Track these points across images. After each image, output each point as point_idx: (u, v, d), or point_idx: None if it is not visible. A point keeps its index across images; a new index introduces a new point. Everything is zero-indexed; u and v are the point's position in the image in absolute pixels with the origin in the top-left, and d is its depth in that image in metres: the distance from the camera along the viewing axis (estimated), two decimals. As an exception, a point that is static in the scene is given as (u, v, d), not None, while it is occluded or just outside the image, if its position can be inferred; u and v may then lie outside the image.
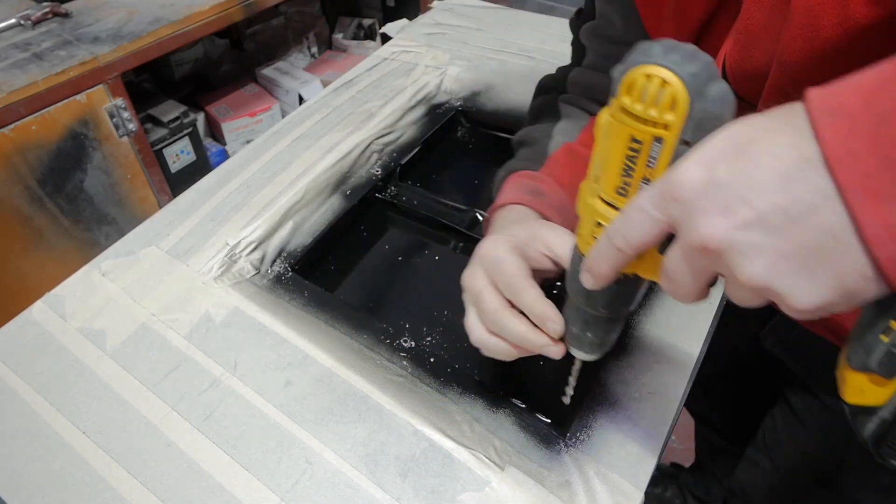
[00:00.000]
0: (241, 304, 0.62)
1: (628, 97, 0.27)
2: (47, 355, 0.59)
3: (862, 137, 0.22)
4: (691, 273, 0.28)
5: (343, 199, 0.76)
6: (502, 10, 1.15)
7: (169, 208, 0.74)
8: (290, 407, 0.53)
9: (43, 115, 1.12)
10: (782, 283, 0.24)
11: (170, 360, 0.57)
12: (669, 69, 0.26)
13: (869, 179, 0.22)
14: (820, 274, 0.24)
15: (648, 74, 0.27)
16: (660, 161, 0.28)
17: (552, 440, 0.50)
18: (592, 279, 0.34)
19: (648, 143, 0.28)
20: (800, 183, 0.23)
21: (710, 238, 0.25)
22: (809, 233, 0.23)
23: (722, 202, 0.25)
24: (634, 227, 0.29)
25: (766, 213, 0.24)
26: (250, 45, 1.92)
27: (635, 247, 0.30)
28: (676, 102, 0.26)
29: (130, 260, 0.68)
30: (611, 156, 0.30)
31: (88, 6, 1.35)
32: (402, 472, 0.48)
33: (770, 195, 0.24)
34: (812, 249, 0.23)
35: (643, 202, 0.28)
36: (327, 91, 0.93)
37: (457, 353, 0.60)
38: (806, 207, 0.23)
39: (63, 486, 0.49)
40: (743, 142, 0.25)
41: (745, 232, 0.25)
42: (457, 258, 0.72)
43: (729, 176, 0.25)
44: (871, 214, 0.22)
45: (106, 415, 0.54)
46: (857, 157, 0.22)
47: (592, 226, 0.33)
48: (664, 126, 0.27)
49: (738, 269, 0.25)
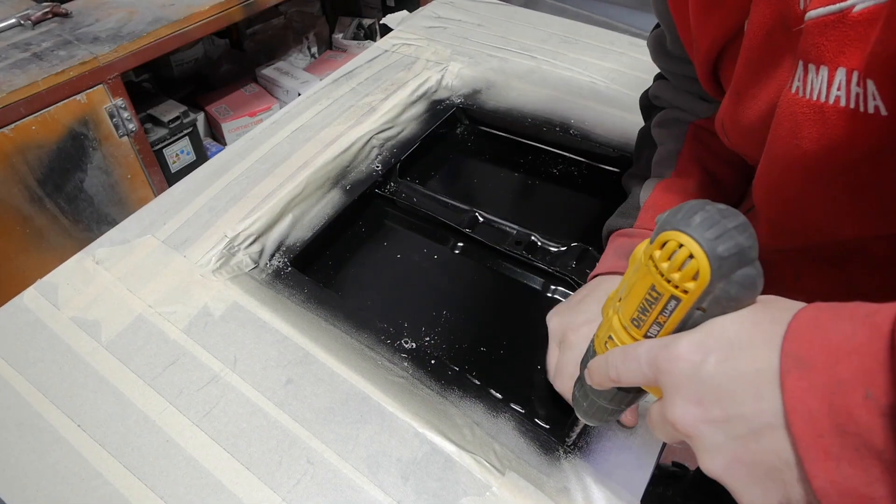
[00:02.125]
0: (240, 298, 0.61)
1: (659, 251, 0.29)
2: (40, 345, 0.58)
3: (818, 398, 0.23)
4: (664, 433, 0.32)
5: (343, 193, 0.75)
6: (502, 6, 1.15)
7: (165, 197, 0.73)
8: (291, 405, 0.53)
9: (43, 115, 1.11)
10: (736, 483, 0.27)
11: (167, 354, 0.57)
12: (700, 245, 0.27)
13: (821, 440, 0.23)
14: (771, 488, 0.26)
15: (681, 244, 0.28)
16: (673, 316, 0.30)
17: (551, 446, 0.51)
18: (592, 382, 0.38)
19: (666, 297, 0.29)
20: (768, 402, 0.25)
21: (681, 422, 0.28)
22: (767, 452, 0.25)
23: (699, 393, 0.28)
24: (628, 371, 0.33)
25: (733, 419, 0.26)
26: (250, 45, 1.91)
27: (625, 384, 0.33)
28: (699, 275, 0.28)
29: (125, 248, 0.67)
30: (634, 290, 0.32)
31: (88, 6, 1.34)
32: (404, 474, 0.49)
33: (740, 405, 0.26)
34: (767, 466, 0.25)
35: (641, 355, 0.31)
36: (327, 82, 0.92)
37: (456, 355, 0.61)
38: (767, 427, 0.25)
39: (58, 480, 0.49)
40: (738, 344, 0.27)
41: (711, 428, 0.27)
42: (455, 258, 0.72)
43: (714, 371, 0.27)
44: (821, 470, 0.23)
45: (102, 408, 0.53)
46: (812, 417, 0.23)
47: (607, 335, 0.36)
48: (683, 290, 0.29)
49: (699, 457, 0.28)
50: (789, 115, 0.35)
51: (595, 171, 0.82)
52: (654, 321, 0.31)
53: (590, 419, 0.43)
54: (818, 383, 0.23)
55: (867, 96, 0.29)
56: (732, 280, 0.28)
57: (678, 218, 0.28)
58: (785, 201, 0.41)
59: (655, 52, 0.60)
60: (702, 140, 0.58)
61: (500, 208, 0.75)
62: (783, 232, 0.44)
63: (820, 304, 0.26)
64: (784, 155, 0.37)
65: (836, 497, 0.23)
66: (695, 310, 0.29)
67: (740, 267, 0.28)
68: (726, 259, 0.27)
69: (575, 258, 0.67)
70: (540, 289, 0.68)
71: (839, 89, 0.31)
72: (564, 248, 0.69)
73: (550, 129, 0.84)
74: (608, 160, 0.81)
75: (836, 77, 0.31)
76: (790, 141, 0.35)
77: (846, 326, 0.24)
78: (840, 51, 0.30)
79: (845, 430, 0.22)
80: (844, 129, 0.31)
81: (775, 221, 0.44)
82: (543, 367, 0.55)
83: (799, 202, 0.39)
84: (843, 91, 0.31)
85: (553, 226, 0.76)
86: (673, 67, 0.59)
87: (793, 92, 0.34)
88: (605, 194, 0.79)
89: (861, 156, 0.32)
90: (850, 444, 0.22)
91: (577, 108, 0.86)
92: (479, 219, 0.73)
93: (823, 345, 0.24)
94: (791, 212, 0.41)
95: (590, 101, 0.87)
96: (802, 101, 0.33)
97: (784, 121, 0.35)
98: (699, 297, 0.28)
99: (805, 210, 0.39)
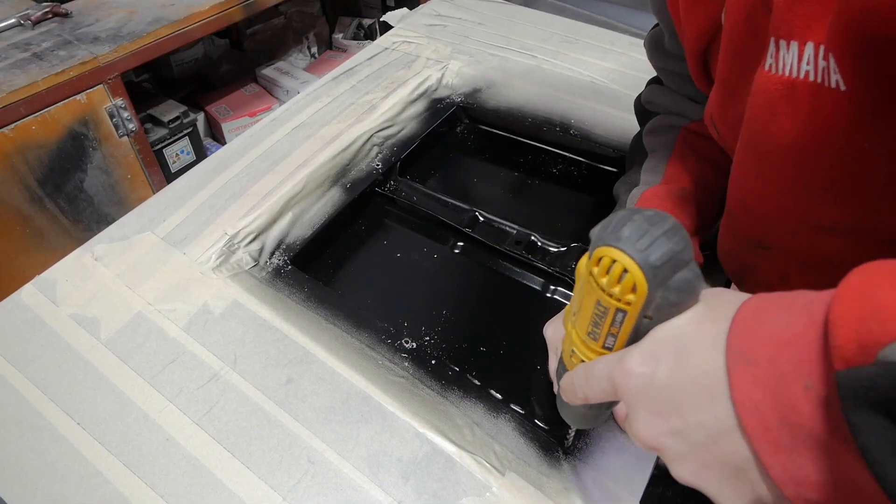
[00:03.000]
0: (240, 296, 0.61)
1: (596, 268, 0.29)
2: (38, 342, 0.57)
3: (763, 392, 0.23)
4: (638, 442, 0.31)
5: (343, 192, 0.75)
6: (503, 4, 1.15)
7: (164, 193, 0.72)
8: (292, 405, 0.53)
9: (43, 115, 1.11)
10: (709, 487, 0.27)
11: (167, 352, 0.56)
12: (632, 258, 0.27)
13: (771, 433, 0.23)
14: (741, 488, 0.26)
15: (613, 259, 0.28)
16: (623, 327, 0.30)
17: (551, 447, 0.51)
18: (565, 397, 0.38)
19: (612, 311, 0.30)
20: (720, 403, 0.25)
21: (644, 438, 0.29)
22: (729, 454, 0.26)
23: (657, 405, 0.28)
24: (591, 389, 0.33)
25: (692, 426, 0.26)
26: (250, 45, 1.91)
27: (594, 402, 0.34)
28: (637, 288, 0.28)
29: (124, 245, 0.66)
30: (584, 305, 0.32)
31: (88, 6, 1.33)
32: (405, 474, 0.49)
33: (696, 411, 0.26)
34: (732, 467, 0.26)
35: (600, 371, 0.32)
36: (327, 79, 0.92)
37: (456, 355, 0.61)
38: (724, 430, 0.25)
39: (58, 478, 0.49)
40: (685, 346, 0.27)
41: (673, 440, 0.27)
42: (455, 257, 0.72)
43: (667, 380, 0.27)
44: (775, 462, 0.23)
45: (101, 406, 0.53)
46: (759, 411, 0.24)
47: (570, 349, 0.36)
48: (626, 303, 0.29)
49: (669, 466, 0.29)
50: (763, 94, 0.34)
51: (595, 171, 0.82)
52: (608, 333, 0.31)
53: (577, 424, 0.44)
54: (762, 377, 0.24)
55: (830, 70, 0.29)
56: (670, 287, 0.28)
57: (608, 232, 0.28)
58: (760, 186, 0.40)
59: (652, 50, 0.59)
60: (692, 145, 0.58)
61: (500, 208, 0.75)
62: (761, 225, 0.43)
63: (763, 294, 0.26)
64: (758, 135, 0.36)
65: (793, 486, 0.23)
66: (642, 318, 0.29)
67: (675, 272, 0.28)
68: (660, 268, 0.27)
69: (574, 258, 0.67)
70: (540, 289, 0.68)
71: (808, 64, 0.30)
72: (564, 249, 0.69)
73: (551, 128, 0.84)
74: (608, 160, 0.81)
75: (806, 52, 0.30)
76: (765, 119, 0.35)
77: (784, 317, 0.24)
78: (807, 25, 0.30)
79: (791, 421, 0.22)
80: (811, 105, 0.31)
81: (753, 209, 0.43)
82: (543, 367, 0.56)
83: (774, 187, 0.39)
84: (811, 66, 0.30)
85: (553, 226, 0.76)
86: (669, 65, 0.58)
87: (766, 69, 0.34)
88: (605, 194, 0.78)
89: (828, 134, 0.31)
90: (797, 436, 0.22)
91: (578, 108, 0.86)
92: (479, 218, 0.73)
93: (765, 337, 0.24)
94: (768, 198, 0.40)
95: (590, 101, 0.87)
96: (775, 78, 0.33)
97: (758, 99, 0.35)
98: (642, 307, 0.29)
99: (781, 195, 0.39)
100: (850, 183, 0.33)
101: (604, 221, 0.30)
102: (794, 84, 0.32)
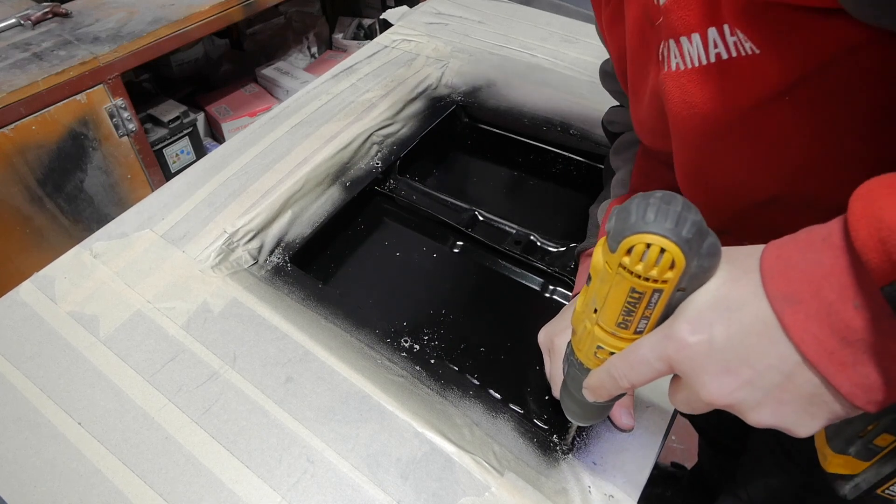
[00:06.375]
0: (239, 295, 0.61)
1: (628, 258, 0.30)
2: (37, 339, 0.57)
3: (818, 324, 0.26)
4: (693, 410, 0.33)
5: (342, 190, 0.75)
6: (503, 3, 1.15)
7: (163, 191, 0.72)
8: (291, 404, 0.53)
9: (43, 115, 1.11)
10: (788, 422, 0.29)
11: (166, 350, 0.56)
12: (667, 238, 0.28)
13: (834, 356, 0.26)
14: (817, 412, 0.28)
15: (648, 244, 0.29)
16: (658, 306, 0.31)
17: (550, 447, 0.51)
18: (593, 397, 0.38)
19: (649, 294, 0.31)
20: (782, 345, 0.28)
21: (717, 398, 0.30)
22: (802, 387, 0.28)
23: (724, 364, 0.29)
24: (639, 374, 0.33)
25: (763, 372, 0.28)
26: (250, 45, 1.90)
27: (638, 386, 0.35)
28: (675, 264, 0.29)
29: (123, 242, 0.66)
30: (611, 298, 0.32)
31: (88, 6, 1.33)
32: (404, 474, 0.49)
33: (764, 356, 0.28)
34: (806, 398, 0.28)
35: (647, 354, 0.32)
36: (326, 77, 0.92)
37: (456, 355, 0.61)
38: (794, 366, 0.28)
39: (56, 476, 0.49)
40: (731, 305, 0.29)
41: (747, 391, 0.29)
42: (455, 257, 0.72)
43: (727, 338, 0.29)
44: (844, 379, 0.26)
45: (100, 404, 0.53)
46: (818, 341, 0.26)
47: (593, 347, 0.36)
48: (664, 282, 0.30)
49: (748, 417, 0.30)
50: (678, 90, 0.37)
51: (595, 171, 0.82)
52: (642, 317, 0.32)
53: (581, 420, 0.44)
54: (812, 312, 0.26)
55: (741, 42, 0.32)
56: (702, 254, 0.29)
57: (633, 221, 0.29)
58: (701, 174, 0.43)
59: (602, 76, 0.65)
60: (657, 155, 0.60)
61: (500, 207, 0.75)
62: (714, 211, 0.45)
63: (775, 241, 0.29)
64: (686, 128, 0.39)
65: (862, 394, 0.26)
66: (676, 292, 0.31)
67: (703, 240, 0.29)
68: (692, 240, 0.29)
69: (574, 258, 0.67)
70: (539, 289, 0.68)
71: (716, 46, 0.34)
72: (563, 249, 0.69)
73: (550, 128, 0.84)
74: (608, 161, 0.81)
75: (709, 36, 0.34)
76: (687, 111, 0.38)
77: (811, 255, 0.27)
78: (703, 14, 0.33)
79: (849, 339, 0.25)
80: (732, 80, 0.34)
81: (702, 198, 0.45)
82: (542, 367, 0.56)
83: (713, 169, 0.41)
84: (721, 46, 0.33)
85: (552, 226, 0.76)
86: (615, 87, 0.63)
87: (674, 69, 0.37)
88: (605, 195, 0.79)
89: (752, 102, 0.34)
90: (858, 349, 0.25)
91: (578, 108, 0.86)
92: (479, 218, 0.73)
93: (801, 278, 0.27)
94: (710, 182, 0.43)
95: (590, 101, 0.87)
96: (687, 72, 0.36)
97: (673, 96, 0.38)
98: (678, 283, 0.30)
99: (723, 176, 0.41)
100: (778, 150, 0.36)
101: (617, 217, 0.30)
102: (707, 70, 0.35)
